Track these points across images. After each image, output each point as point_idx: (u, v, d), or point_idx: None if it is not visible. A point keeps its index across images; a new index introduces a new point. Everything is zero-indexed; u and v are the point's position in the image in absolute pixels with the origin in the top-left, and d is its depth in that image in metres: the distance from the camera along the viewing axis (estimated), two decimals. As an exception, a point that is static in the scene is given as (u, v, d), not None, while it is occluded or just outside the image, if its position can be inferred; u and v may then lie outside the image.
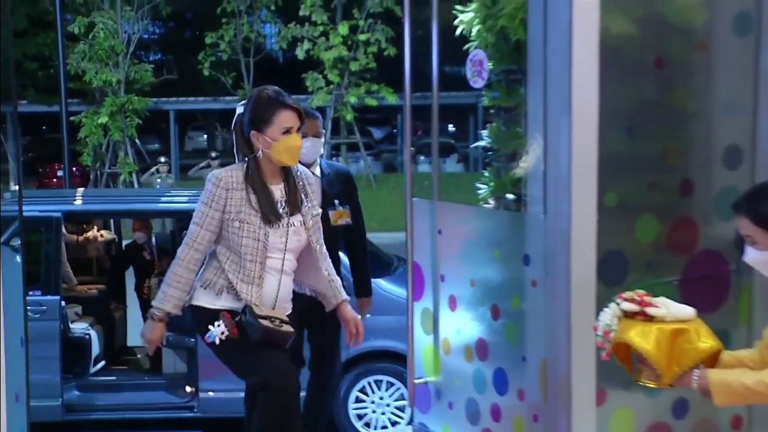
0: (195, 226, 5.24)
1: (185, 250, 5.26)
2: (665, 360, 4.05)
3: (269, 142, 4.96)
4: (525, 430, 5.89)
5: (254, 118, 5.07)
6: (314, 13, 26.96)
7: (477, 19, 6.06)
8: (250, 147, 5.13)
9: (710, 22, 6.21)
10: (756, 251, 4.10)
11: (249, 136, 5.16)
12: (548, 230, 5.62)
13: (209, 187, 5.13)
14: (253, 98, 5.22)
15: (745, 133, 6.27)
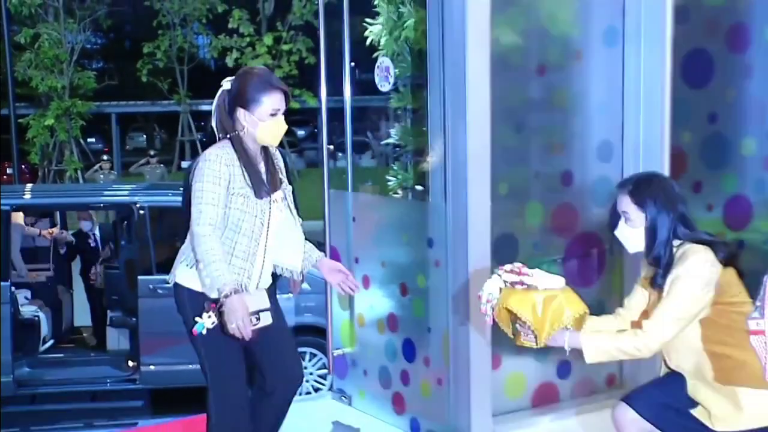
0: (209, 206, 4.39)
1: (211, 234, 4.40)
2: (540, 323, 4.17)
3: (256, 122, 4.48)
4: (431, 393, 5.93)
5: (243, 96, 4.51)
6: (242, 26, 26.75)
7: (384, 31, 6.09)
8: (232, 124, 4.56)
9: (584, 35, 6.32)
10: (627, 227, 4.26)
11: (235, 113, 4.56)
12: (449, 217, 5.68)
13: (212, 166, 4.42)
14: (243, 77, 4.66)
15: (616, 129, 6.43)
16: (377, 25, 6.12)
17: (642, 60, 6.33)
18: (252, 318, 4.45)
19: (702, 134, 6.77)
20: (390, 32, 6.04)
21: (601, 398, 6.31)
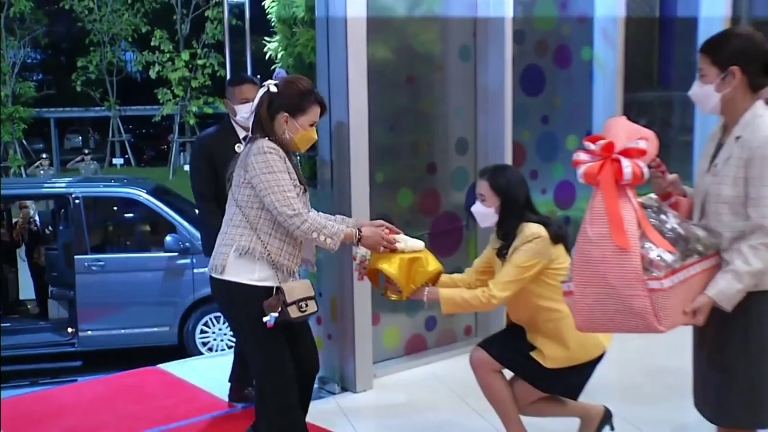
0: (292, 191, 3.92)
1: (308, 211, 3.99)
2: (404, 280, 4.24)
3: (297, 129, 3.99)
4: (323, 346, 5.92)
5: (291, 103, 3.98)
6: (162, 44, 26.33)
7: (280, 47, 6.08)
8: (270, 126, 3.99)
9: (444, 52, 6.45)
10: (483, 207, 4.34)
11: (277, 116, 4.00)
12: (335, 201, 5.75)
13: (274, 157, 3.89)
14: (293, 85, 4.12)
15: (470, 129, 6.58)
16: (274, 42, 6.12)
17: (489, 73, 6.49)
18: (301, 304, 4.05)
19: (537, 133, 7.03)
20: (285, 48, 6.04)
21: (460, 345, 6.47)
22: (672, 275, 3.13)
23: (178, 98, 27.14)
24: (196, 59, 26.79)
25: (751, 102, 3.36)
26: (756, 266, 3.19)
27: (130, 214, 10.44)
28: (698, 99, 3.48)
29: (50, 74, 31.60)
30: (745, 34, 3.44)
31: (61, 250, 10.11)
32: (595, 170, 3.30)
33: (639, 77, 8.37)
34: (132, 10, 26.92)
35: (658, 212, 3.34)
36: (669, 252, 3.15)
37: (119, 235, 10.36)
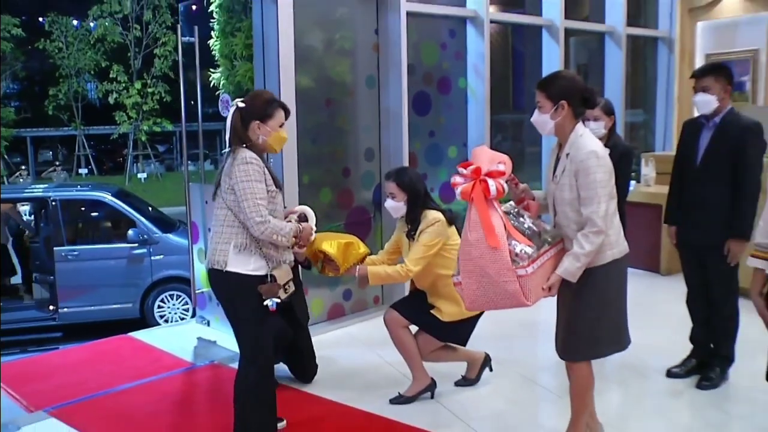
0: (263, 200, 3.74)
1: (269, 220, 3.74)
2: (342, 259, 4.37)
3: (269, 132, 3.84)
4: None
5: (259, 111, 3.86)
6: (119, 75, 25.98)
7: (223, 76, 6.03)
8: (246, 135, 3.83)
9: (354, 81, 6.45)
10: (393, 202, 4.48)
11: (249, 125, 3.84)
12: (270, 199, 5.67)
13: (255, 168, 3.74)
14: (257, 97, 4.01)
15: (375, 141, 6.59)
16: (217, 73, 6.02)
17: (389, 97, 6.52)
18: (286, 287, 3.88)
19: (425, 144, 7.07)
20: (227, 78, 5.98)
21: (371, 311, 6.53)
22: (533, 263, 3.45)
23: (132, 119, 26.88)
24: (147, 88, 26.54)
25: (574, 126, 3.64)
26: (588, 249, 3.50)
27: (98, 213, 10.36)
28: (537, 124, 3.77)
29: (26, 101, 30.97)
30: (569, 76, 3.84)
31: (42, 243, 10.00)
32: (469, 189, 3.53)
33: (500, 102, 8.46)
34: (94, 48, 26.58)
35: (517, 216, 3.67)
36: (528, 246, 3.47)
37: (89, 230, 10.28)
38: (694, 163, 4.83)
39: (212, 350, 5.84)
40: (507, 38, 9.14)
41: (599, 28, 8.83)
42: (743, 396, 4.64)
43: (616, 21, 8.79)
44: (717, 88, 4.67)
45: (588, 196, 3.50)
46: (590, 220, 3.50)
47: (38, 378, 5.51)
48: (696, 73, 4.81)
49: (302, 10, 5.77)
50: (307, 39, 6.01)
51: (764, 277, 3.51)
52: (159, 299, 9.58)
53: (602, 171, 3.51)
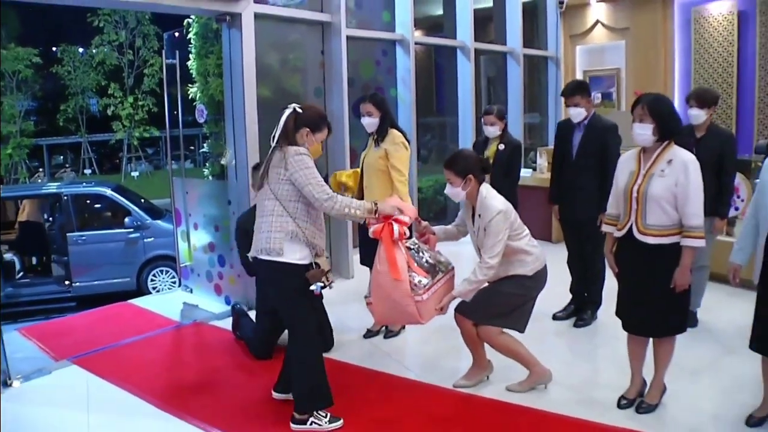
0: (321, 182, 3.44)
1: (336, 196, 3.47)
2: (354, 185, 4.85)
3: (313, 142, 3.55)
4: (235, 282, 5.91)
5: (312, 122, 3.57)
6: (115, 92, 25.59)
7: (199, 90, 6.00)
8: (295, 137, 3.52)
9: (305, 91, 6.49)
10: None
11: (300, 130, 3.55)
12: (238, 188, 5.70)
13: (308, 158, 3.44)
14: (315, 110, 3.70)
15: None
16: (194, 88, 6.01)
17: (333, 104, 6.53)
18: (328, 275, 3.64)
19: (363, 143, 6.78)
20: (202, 92, 5.96)
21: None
22: (428, 291, 3.62)
23: (126, 128, 26.59)
24: (138, 101, 26.30)
25: (479, 189, 3.79)
26: (479, 277, 3.71)
27: (100, 205, 10.26)
28: (452, 195, 3.89)
29: (43, 116, 30.41)
30: (468, 154, 3.94)
31: (57, 230, 9.96)
32: (379, 230, 3.62)
33: (426, 108, 8.56)
34: (95, 71, 26.27)
35: (418, 251, 3.78)
36: (425, 277, 3.64)
37: (94, 219, 10.16)
38: (571, 156, 5.02)
39: (195, 312, 5.85)
40: (431, 56, 9.25)
41: (502, 49, 8.97)
42: (607, 331, 4.85)
43: (515, 43, 8.95)
44: (583, 102, 4.92)
45: (488, 244, 3.68)
46: (484, 259, 3.69)
47: (61, 335, 5.55)
48: (565, 93, 5.01)
49: (262, 36, 5.78)
50: (266, 59, 6.03)
51: (614, 239, 3.72)
52: (151, 274, 9.51)
53: (503, 225, 3.68)
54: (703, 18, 8.37)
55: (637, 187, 3.53)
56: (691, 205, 3.41)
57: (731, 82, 8.18)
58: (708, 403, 3.87)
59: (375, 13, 7.30)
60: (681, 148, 3.52)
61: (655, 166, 3.49)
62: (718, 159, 4.68)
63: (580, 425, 3.66)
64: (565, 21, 9.68)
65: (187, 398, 4.15)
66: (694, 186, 3.41)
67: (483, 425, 3.71)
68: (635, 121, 3.52)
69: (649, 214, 3.49)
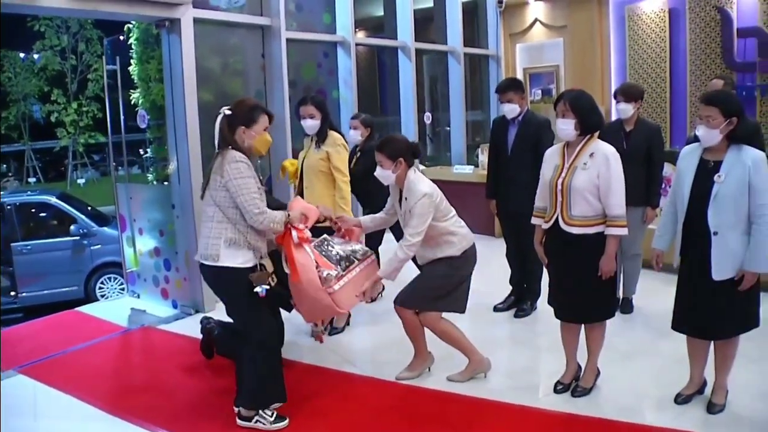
0: (257, 193, 3.42)
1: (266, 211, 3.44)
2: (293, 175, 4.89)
3: (254, 136, 3.50)
4: (181, 286, 5.92)
5: (243, 117, 3.51)
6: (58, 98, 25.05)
7: (141, 96, 5.95)
8: (233, 139, 3.48)
9: (246, 94, 6.49)
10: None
11: (236, 130, 3.50)
12: (181, 192, 5.71)
13: (245, 166, 3.40)
14: (242, 104, 3.62)
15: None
16: (137, 93, 5.99)
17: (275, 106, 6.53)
18: (271, 278, 3.61)
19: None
20: (144, 97, 5.93)
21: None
22: (339, 281, 3.72)
23: (71, 134, 26.04)
24: (82, 107, 25.77)
25: (407, 173, 3.90)
26: (402, 257, 3.83)
27: (45, 213, 10.08)
28: (382, 178, 3.97)
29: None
30: (400, 138, 4.03)
31: (1, 240, 9.68)
32: (281, 237, 3.69)
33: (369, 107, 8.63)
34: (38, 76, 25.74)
35: (326, 246, 3.90)
36: (332, 270, 3.71)
37: (40, 227, 9.99)
38: (506, 152, 5.17)
39: (142, 317, 5.84)
40: (374, 56, 9.35)
41: (443, 48, 9.13)
42: (545, 320, 4.91)
43: (455, 43, 9.11)
44: (517, 99, 5.04)
45: (412, 224, 3.80)
46: (406, 238, 3.82)
47: (7, 346, 5.42)
48: (499, 90, 5.13)
49: (202, 41, 5.82)
50: (206, 63, 6.07)
51: (542, 231, 3.88)
52: (99, 281, 9.40)
53: (428, 208, 3.81)
54: (637, 15, 8.63)
55: (561, 180, 3.68)
56: (613, 196, 3.57)
57: (664, 77, 8.46)
58: (640, 384, 4.05)
59: (315, 15, 7.37)
60: (602, 142, 3.68)
61: (578, 159, 3.65)
62: (647, 151, 4.90)
63: (517, 411, 3.80)
64: (505, 20, 9.88)
65: (134, 401, 4.17)
66: (616, 177, 3.57)
67: (424, 415, 3.82)
68: (558, 116, 3.68)
69: (573, 205, 3.65)
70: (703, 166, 3.44)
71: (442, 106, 9.50)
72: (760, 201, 3.28)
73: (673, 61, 8.39)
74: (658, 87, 8.50)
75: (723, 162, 3.37)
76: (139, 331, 5.57)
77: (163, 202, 5.98)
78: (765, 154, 4.31)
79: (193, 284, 5.78)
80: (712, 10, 7.89)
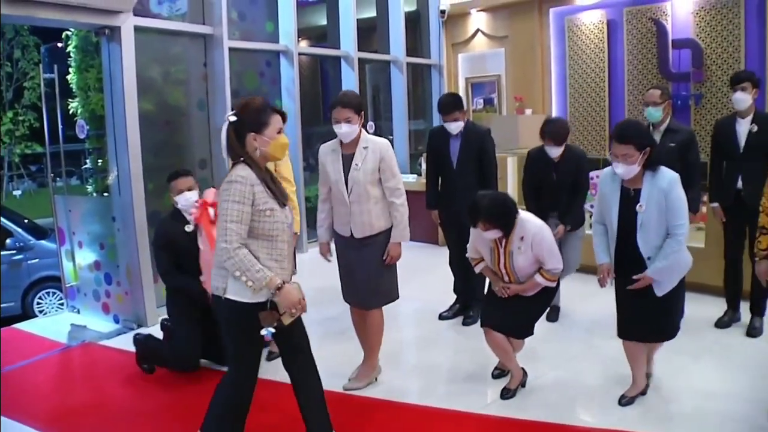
0: (235, 224, 2.88)
1: (239, 247, 2.88)
2: None
3: (267, 141, 3.01)
4: (123, 300, 5.82)
5: (252, 122, 3.02)
6: (-8, 107, 24.59)
7: (80, 105, 5.81)
8: (243, 149, 3.00)
9: (188, 104, 6.46)
10: None
11: (245, 138, 3.00)
12: (123, 204, 5.62)
13: (238, 188, 2.90)
14: (247, 107, 3.09)
15: (207, 152, 6.58)
16: (75, 102, 5.87)
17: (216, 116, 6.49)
18: (293, 311, 3.02)
19: None
20: (83, 106, 5.81)
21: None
22: None
23: (6, 144, 25.34)
24: (18, 116, 25.06)
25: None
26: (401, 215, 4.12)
27: (-22, 227, 9.73)
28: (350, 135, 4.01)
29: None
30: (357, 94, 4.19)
31: None
32: (198, 215, 4.10)
33: (312, 117, 8.64)
34: (-30, 84, 25.15)
35: None
36: None
37: (-29, 242, 9.66)
38: (451, 164, 5.24)
39: (83, 333, 5.71)
40: (317, 66, 9.35)
41: (386, 58, 9.19)
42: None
43: (398, 52, 9.18)
44: (461, 115, 5.13)
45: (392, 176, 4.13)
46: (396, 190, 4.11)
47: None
48: (445, 110, 5.16)
49: (142, 49, 5.74)
50: (147, 72, 5.98)
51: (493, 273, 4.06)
52: (37, 297, 9.09)
53: None
54: (576, 26, 8.82)
55: (503, 265, 3.94)
56: (549, 262, 3.88)
57: (603, 87, 8.67)
58: (582, 386, 4.15)
59: (258, 24, 7.34)
60: (526, 219, 3.89)
61: (511, 243, 3.89)
62: (573, 179, 5.04)
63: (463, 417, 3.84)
64: (447, 30, 9.99)
65: (77, 421, 4.06)
66: (548, 247, 3.85)
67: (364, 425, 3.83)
68: (481, 229, 3.82)
69: (521, 278, 3.97)
70: (625, 194, 3.59)
71: (385, 115, 9.55)
72: (674, 222, 3.47)
73: (612, 71, 8.60)
74: (597, 96, 8.71)
75: (642, 190, 3.53)
76: (80, 347, 5.43)
77: (104, 214, 5.88)
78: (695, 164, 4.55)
79: (135, 298, 5.69)
80: (648, 21, 8.13)
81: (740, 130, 4.74)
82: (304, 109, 7.54)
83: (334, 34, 8.51)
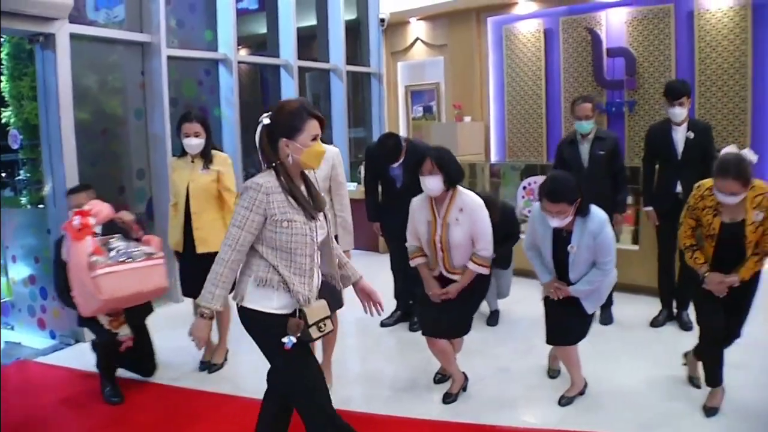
0: (236, 229, 2.73)
1: (228, 252, 2.74)
2: None
3: (300, 149, 2.78)
4: (59, 314, 5.67)
5: (284, 126, 2.80)
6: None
7: (13, 114, 5.65)
8: (275, 154, 2.80)
9: (125, 113, 6.36)
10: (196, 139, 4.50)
11: (278, 143, 2.79)
12: (58, 217, 5.44)
13: (251, 194, 2.73)
14: (281, 110, 2.85)
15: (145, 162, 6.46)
16: (8, 111, 5.71)
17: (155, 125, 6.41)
18: (320, 325, 2.87)
19: None
20: (16, 115, 5.68)
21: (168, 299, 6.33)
22: (106, 268, 3.96)
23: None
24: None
25: None
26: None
27: None
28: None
29: None
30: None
31: None
32: (67, 224, 4.10)
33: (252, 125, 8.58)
34: None
35: (111, 242, 4.17)
36: (101, 257, 3.98)
37: None
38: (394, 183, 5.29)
39: (18, 350, 5.57)
40: (257, 74, 9.32)
41: (326, 66, 9.22)
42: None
43: (338, 60, 9.22)
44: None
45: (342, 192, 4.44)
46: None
47: None
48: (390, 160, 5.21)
49: (78, 57, 5.65)
50: (83, 80, 5.88)
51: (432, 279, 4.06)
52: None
53: None
54: (514, 35, 9.03)
55: (439, 237, 3.93)
56: (481, 241, 3.91)
57: (540, 94, 8.89)
58: (523, 387, 4.27)
59: (197, 32, 7.28)
60: (466, 192, 3.94)
61: (449, 214, 3.90)
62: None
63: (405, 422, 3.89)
64: (387, 38, 10.10)
65: (10, 440, 3.97)
66: (483, 226, 3.89)
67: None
68: (424, 174, 3.86)
69: (454, 257, 3.95)
70: (558, 234, 3.81)
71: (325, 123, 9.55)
72: (602, 258, 3.74)
73: (549, 79, 8.84)
74: (534, 104, 8.92)
75: (573, 233, 3.74)
76: (15, 365, 5.26)
77: (38, 226, 5.74)
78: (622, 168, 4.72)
79: (72, 313, 5.46)
80: (583, 30, 8.38)
81: (677, 138, 4.95)
82: (243, 118, 7.50)
83: (273, 42, 8.51)
